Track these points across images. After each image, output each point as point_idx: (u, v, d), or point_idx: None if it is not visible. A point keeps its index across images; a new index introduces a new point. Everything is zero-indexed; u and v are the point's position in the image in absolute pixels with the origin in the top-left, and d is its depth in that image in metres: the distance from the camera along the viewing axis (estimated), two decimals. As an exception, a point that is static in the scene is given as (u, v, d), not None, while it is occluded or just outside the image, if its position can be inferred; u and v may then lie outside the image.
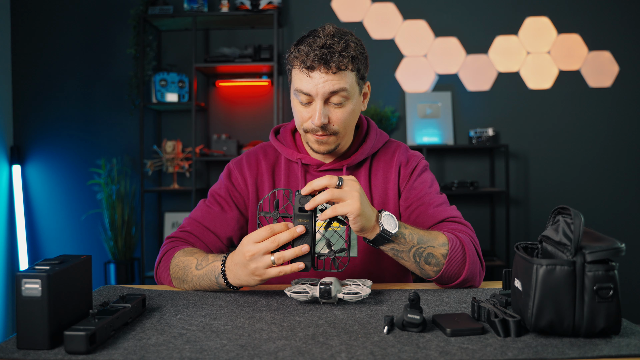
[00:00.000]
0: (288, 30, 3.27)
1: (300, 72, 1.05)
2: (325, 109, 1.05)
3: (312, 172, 1.18)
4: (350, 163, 1.16)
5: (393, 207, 1.17)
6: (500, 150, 3.21)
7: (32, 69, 3.30)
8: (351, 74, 1.05)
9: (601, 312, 0.68)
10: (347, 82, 1.04)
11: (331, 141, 1.10)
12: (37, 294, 0.68)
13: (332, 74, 1.02)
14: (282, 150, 1.19)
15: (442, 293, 0.98)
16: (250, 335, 0.74)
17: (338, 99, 1.05)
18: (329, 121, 1.06)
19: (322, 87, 1.03)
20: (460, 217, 1.11)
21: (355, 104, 1.09)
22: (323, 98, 1.04)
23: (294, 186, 1.18)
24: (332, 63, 1.01)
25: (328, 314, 0.84)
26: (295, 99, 1.09)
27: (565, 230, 0.73)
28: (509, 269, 0.87)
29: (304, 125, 1.09)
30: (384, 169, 1.19)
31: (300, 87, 1.05)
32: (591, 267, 0.68)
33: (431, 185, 1.17)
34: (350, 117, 1.09)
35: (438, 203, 1.13)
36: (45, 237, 3.30)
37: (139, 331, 0.77)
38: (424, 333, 0.74)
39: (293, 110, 1.12)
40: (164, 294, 0.99)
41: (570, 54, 3.22)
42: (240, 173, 1.20)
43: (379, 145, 1.20)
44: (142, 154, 3.08)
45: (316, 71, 1.02)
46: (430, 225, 1.10)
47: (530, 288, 0.70)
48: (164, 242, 1.13)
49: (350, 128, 1.12)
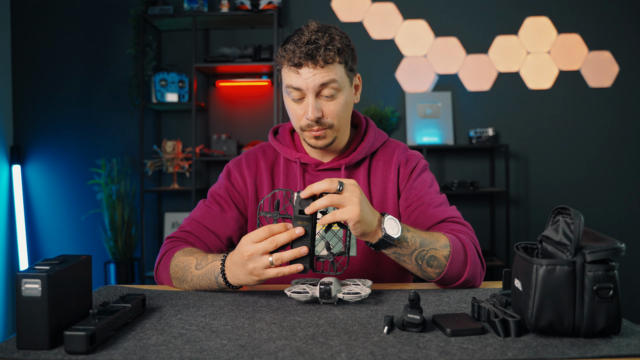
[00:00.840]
0: (288, 30, 3.27)
1: (290, 70, 1.06)
2: (317, 103, 1.06)
3: (311, 171, 1.18)
4: (348, 162, 1.16)
5: (392, 207, 1.16)
6: (500, 150, 3.21)
7: (32, 69, 3.30)
8: (339, 66, 1.06)
9: (601, 312, 0.68)
10: (336, 74, 1.05)
11: (328, 135, 1.10)
12: (37, 294, 0.68)
13: (320, 68, 1.04)
14: (281, 150, 1.19)
15: (442, 293, 0.98)
16: (250, 335, 0.74)
17: (329, 91, 1.06)
18: (323, 114, 1.07)
19: (312, 81, 1.04)
20: (460, 218, 1.11)
21: (347, 95, 1.10)
22: (314, 92, 1.05)
23: (292, 185, 1.18)
24: (319, 57, 1.03)
25: (328, 314, 0.84)
26: (288, 98, 1.10)
27: (565, 230, 0.73)
28: (509, 269, 0.87)
29: (300, 123, 1.10)
30: (383, 168, 1.19)
31: (291, 83, 1.06)
32: (591, 267, 0.68)
33: (431, 185, 1.17)
34: (344, 109, 1.10)
35: (438, 203, 1.13)
36: (45, 237, 3.30)
37: (139, 331, 0.76)
38: (424, 333, 0.74)
39: (287, 111, 1.13)
40: (164, 294, 0.99)
41: (570, 54, 3.22)
42: (240, 173, 1.20)
43: (378, 145, 1.20)
44: (142, 154, 3.08)
45: (304, 67, 1.04)
46: (430, 226, 1.10)
47: (530, 288, 0.70)
48: (164, 242, 1.14)
49: (345, 120, 1.12)
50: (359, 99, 1.17)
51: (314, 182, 1.11)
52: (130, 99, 3.18)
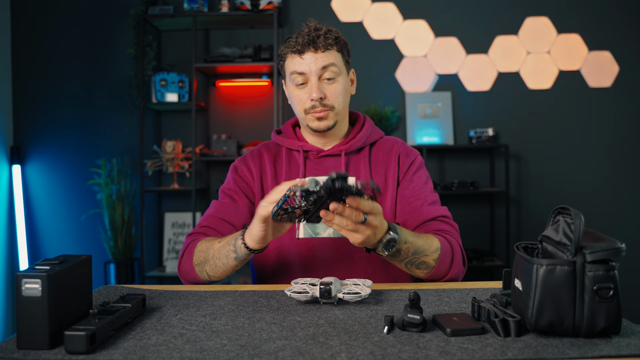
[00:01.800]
0: (288, 30, 3.27)
1: (293, 58, 1.17)
2: (320, 85, 1.17)
3: (313, 158, 1.25)
4: (348, 149, 1.23)
5: (391, 195, 1.22)
6: (500, 150, 3.21)
7: (32, 69, 3.30)
8: (337, 54, 1.18)
9: (601, 312, 0.68)
10: (335, 59, 1.18)
11: (329, 116, 1.19)
12: (37, 294, 0.68)
13: (321, 52, 1.16)
14: (284, 142, 1.27)
15: (442, 293, 0.98)
16: (250, 335, 0.74)
17: (330, 74, 1.17)
18: (325, 96, 1.17)
19: (315, 64, 1.15)
20: (450, 218, 1.18)
21: (345, 82, 1.20)
22: (317, 74, 1.16)
23: (294, 173, 1.25)
24: (320, 42, 1.15)
25: (328, 314, 0.84)
26: (292, 85, 1.20)
27: (565, 230, 0.73)
28: (509, 269, 0.87)
29: (305, 106, 1.19)
30: (383, 158, 1.26)
31: (295, 69, 1.17)
32: (591, 267, 0.68)
33: (426, 183, 1.24)
34: (343, 94, 1.20)
35: (432, 201, 1.20)
36: (45, 237, 3.30)
37: (139, 331, 0.77)
38: (424, 333, 0.74)
39: (292, 100, 1.22)
40: (164, 294, 1.00)
41: (570, 54, 3.22)
42: (246, 166, 1.27)
43: (376, 137, 1.28)
44: (142, 154, 3.08)
45: (307, 53, 1.16)
46: (422, 221, 1.17)
47: (531, 288, 0.70)
48: (185, 239, 1.19)
49: (344, 105, 1.21)
50: (354, 91, 1.28)
51: (316, 168, 1.23)
52: (130, 99, 3.18)
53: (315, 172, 1.23)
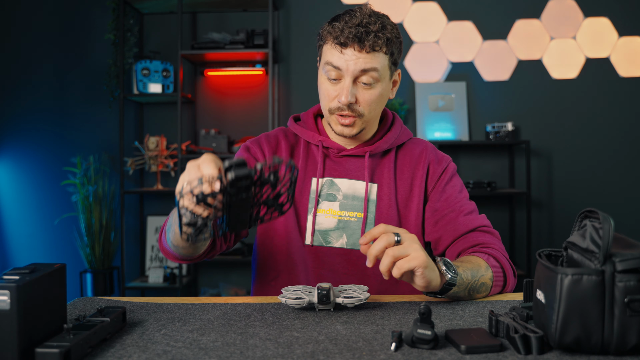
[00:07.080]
0: (284, 13, 3.28)
1: (333, 48, 1.11)
2: (353, 88, 1.11)
3: (333, 157, 1.23)
4: (373, 150, 1.21)
5: (416, 207, 1.21)
6: (520, 147, 3.22)
7: (0, 57, 3.30)
8: (384, 57, 1.11)
9: (633, 327, 0.68)
10: (379, 63, 1.11)
11: (356, 124, 1.15)
12: (6, 307, 0.68)
13: (365, 53, 1.09)
14: (303, 134, 1.24)
15: (456, 306, 0.98)
16: (242, 352, 0.74)
17: (368, 79, 1.11)
18: (356, 101, 1.13)
19: (354, 64, 1.09)
20: (490, 227, 1.18)
21: (384, 88, 1.15)
22: (353, 76, 1.10)
23: (311, 171, 1.22)
24: (367, 42, 1.08)
25: (329, 329, 0.85)
26: (324, 76, 1.15)
27: (593, 236, 0.73)
28: (530, 279, 0.87)
29: (330, 105, 1.15)
30: (410, 164, 1.24)
31: (331, 61, 1.11)
32: (622, 276, 0.68)
33: (461, 191, 1.23)
34: (378, 101, 1.15)
35: (469, 211, 1.19)
36: (14, 244, 3.30)
37: (118, 348, 0.77)
38: (436, 350, 0.74)
39: (320, 89, 1.17)
40: (147, 307, 1.00)
41: (599, 40, 3.22)
42: (259, 147, 1.25)
43: (404, 139, 1.26)
44: (122, 151, 3.08)
45: (349, 48, 1.09)
46: (460, 234, 1.16)
47: (554, 300, 0.70)
48: None
49: (376, 113, 1.17)
50: (394, 94, 1.23)
51: (335, 169, 1.20)
52: (109, 89, 3.18)
53: (334, 172, 1.21)
